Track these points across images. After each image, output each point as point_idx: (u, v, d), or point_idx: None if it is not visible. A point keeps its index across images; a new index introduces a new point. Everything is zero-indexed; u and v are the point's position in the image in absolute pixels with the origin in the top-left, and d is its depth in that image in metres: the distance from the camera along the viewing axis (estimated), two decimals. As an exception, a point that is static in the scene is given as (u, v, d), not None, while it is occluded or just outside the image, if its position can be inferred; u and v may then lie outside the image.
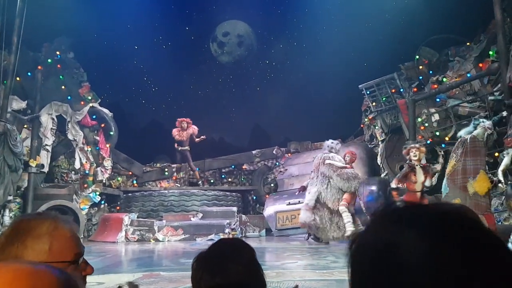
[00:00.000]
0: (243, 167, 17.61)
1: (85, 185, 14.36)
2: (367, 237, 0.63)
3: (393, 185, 9.74)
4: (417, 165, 9.72)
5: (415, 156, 9.79)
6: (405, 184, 9.85)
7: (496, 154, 10.17)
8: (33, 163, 12.86)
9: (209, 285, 1.46)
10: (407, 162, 9.96)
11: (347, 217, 10.51)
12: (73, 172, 14.53)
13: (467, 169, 8.16)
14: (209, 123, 16.87)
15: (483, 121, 8.69)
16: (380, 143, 14.63)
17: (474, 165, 8.13)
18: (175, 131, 15.94)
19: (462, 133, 8.73)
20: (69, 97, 14.48)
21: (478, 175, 8.02)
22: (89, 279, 1.30)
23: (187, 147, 15.97)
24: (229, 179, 17.23)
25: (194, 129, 15.96)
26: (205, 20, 21.05)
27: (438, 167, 11.39)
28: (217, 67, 21.60)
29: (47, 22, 13.23)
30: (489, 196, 8.29)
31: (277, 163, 17.11)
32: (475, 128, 8.54)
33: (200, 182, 16.39)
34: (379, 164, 14.63)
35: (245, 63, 21.80)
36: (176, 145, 15.96)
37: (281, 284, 5.53)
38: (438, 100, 12.97)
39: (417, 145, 10.24)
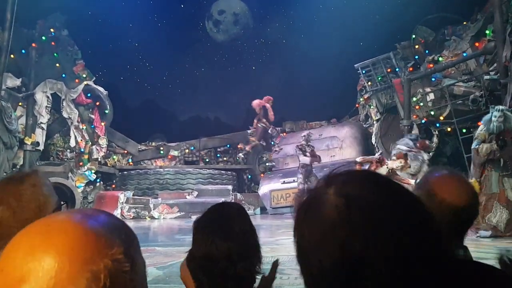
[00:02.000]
0: (239, 146, 17.65)
1: (81, 163, 14.39)
2: (308, 196, 0.78)
3: (358, 159, 10.28)
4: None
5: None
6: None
7: None
8: (28, 141, 12.85)
9: (222, 248, 1.43)
10: None
11: None
12: (68, 150, 14.53)
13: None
14: (204, 102, 16.80)
15: (497, 109, 8.14)
16: (375, 122, 14.66)
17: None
18: (269, 108, 15.52)
19: (485, 119, 8.31)
20: (63, 75, 14.40)
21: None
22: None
23: None
24: (225, 158, 17.26)
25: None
26: (201, -3, 20.84)
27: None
28: (213, 46, 21.41)
29: (41, -1, 13.07)
30: None
31: (272, 143, 17.14)
32: (492, 115, 8.11)
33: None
34: (373, 143, 14.69)
35: (241, 42, 21.63)
36: (265, 121, 15.44)
37: (275, 258, 5.60)
38: (433, 79, 12.95)
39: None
